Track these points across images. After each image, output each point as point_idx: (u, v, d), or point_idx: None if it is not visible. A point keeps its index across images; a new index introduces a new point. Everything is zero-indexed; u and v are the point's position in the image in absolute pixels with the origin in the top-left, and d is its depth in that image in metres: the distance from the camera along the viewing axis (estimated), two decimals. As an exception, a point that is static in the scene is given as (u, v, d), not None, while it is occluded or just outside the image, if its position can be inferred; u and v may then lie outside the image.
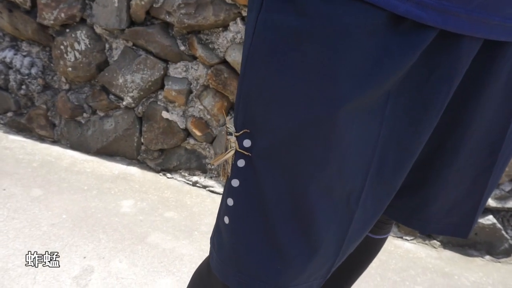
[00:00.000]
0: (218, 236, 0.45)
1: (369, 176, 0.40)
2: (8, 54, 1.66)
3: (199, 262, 1.21)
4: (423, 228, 0.53)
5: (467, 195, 0.49)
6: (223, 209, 0.43)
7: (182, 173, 1.58)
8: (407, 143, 0.40)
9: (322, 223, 0.40)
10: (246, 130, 0.38)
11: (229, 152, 0.40)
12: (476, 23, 0.33)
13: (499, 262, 1.34)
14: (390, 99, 0.36)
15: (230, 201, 0.42)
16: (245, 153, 0.39)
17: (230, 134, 0.39)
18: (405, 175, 0.42)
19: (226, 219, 0.43)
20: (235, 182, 0.41)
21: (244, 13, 1.31)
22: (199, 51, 1.38)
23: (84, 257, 1.14)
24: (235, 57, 1.34)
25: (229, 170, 0.41)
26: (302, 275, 0.43)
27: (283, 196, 0.39)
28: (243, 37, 1.33)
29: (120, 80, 1.52)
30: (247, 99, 0.38)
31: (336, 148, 0.36)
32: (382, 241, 0.73)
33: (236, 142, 0.39)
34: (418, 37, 0.33)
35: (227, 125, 0.39)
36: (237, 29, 1.34)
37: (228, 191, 0.42)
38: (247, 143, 0.39)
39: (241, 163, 0.40)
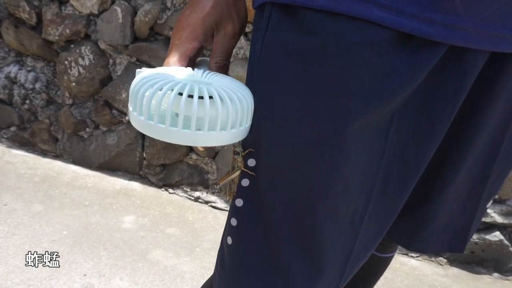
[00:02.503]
0: (222, 256, 0.44)
1: (374, 194, 0.39)
2: (13, 69, 1.67)
3: (200, 279, 1.19)
4: (424, 249, 0.53)
5: (462, 209, 0.49)
6: (227, 229, 0.42)
7: (184, 189, 1.57)
8: (412, 161, 0.39)
9: (327, 243, 0.39)
10: (251, 149, 0.38)
11: (236, 171, 0.39)
12: (483, 36, 0.32)
13: (508, 279, 1.31)
14: (395, 117, 0.36)
15: (233, 221, 0.41)
16: (250, 172, 0.38)
17: (237, 153, 0.39)
18: (409, 192, 0.42)
19: (229, 240, 0.42)
20: (239, 202, 0.40)
21: (248, 29, 1.32)
22: (202, 67, 1.39)
23: (85, 275, 1.12)
24: (238, 72, 1.35)
25: (235, 190, 0.40)
26: None
27: (287, 216, 0.38)
28: (246, 53, 1.34)
29: (123, 95, 1.53)
30: (253, 117, 0.38)
31: (342, 166, 0.36)
32: (389, 259, 0.71)
33: (242, 161, 0.39)
34: (427, 54, 0.33)
35: (234, 144, 0.39)
36: (240, 44, 1.34)
37: (232, 211, 0.41)
38: (251, 162, 0.38)
39: (245, 182, 0.39)
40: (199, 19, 0.40)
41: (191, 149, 1.54)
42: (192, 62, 0.44)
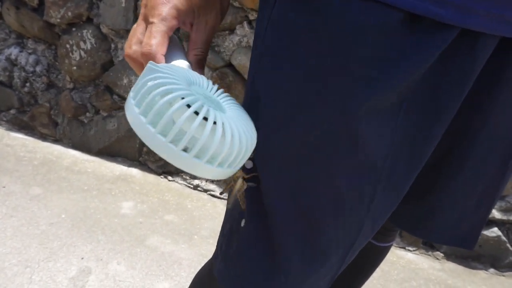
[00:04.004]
0: (222, 243, 0.44)
1: (381, 182, 0.38)
2: (14, 51, 1.66)
3: (198, 266, 1.20)
4: (429, 237, 0.52)
5: (476, 207, 0.48)
6: (232, 216, 0.42)
7: (184, 176, 1.57)
8: (418, 148, 0.39)
9: (331, 232, 0.39)
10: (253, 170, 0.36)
11: (238, 183, 0.38)
12: (495, 21, 0.32)
13: (503, 275, 1.32)
14: (404, 104, 0.35)
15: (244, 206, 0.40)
16: (253, 163, 0.38)
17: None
18: (413, 180, 0.41)
19: (234, 225, 0.41)
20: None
21: (251, 17, 1.31)
22: (205, 54, 1.37)
23: (82, 258, 1.12)
24: (241, 60, 1.34)
25: (244, 198, 0.39)
26: (306, 283, 0.41)
27: (290, 202, 0.37)
28: (250, 41, 1.33)
29: (125, 81, 1.51)
30: (256, 99, 0.37)
31: (349, 153, 0.35)
32: (387, 249, 0.71)
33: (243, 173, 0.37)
34: (437, 37, 0.32)
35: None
36: (244, 32, 1.33)
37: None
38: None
39: (248, 164, 0.39)
40: None
41: (191, 137, 1.53)
42: None
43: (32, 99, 1.71)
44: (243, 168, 0.37)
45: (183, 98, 0.30)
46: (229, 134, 0.31)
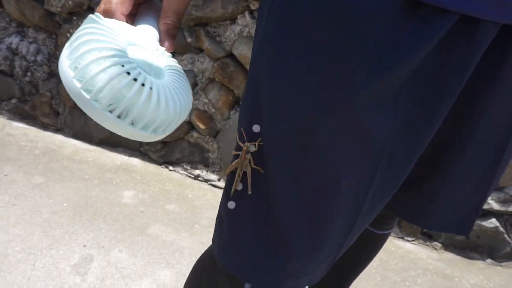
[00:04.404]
0: (220, 223, 0.44)
1: (380, 167, 0.39)
2: (15, 40, 1.65)
3: (198, 254, 1.21)
4: (427, 224, 0.53)
5: (472, 193, 0.49)
6: (228, 196, 0.43)
7: (185, 166, 1.58)
8: (418, 135, 0.39)
9: (330, 214, 0.39)
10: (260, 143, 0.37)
11: (246, 168, 0.39)
12: (497, 7, 0.32)
13: (501, 266, 1.33)
14: (403, 90, 0.36)
15: (239, 186, 0.41)
16: (257, 143, 0.38)
17: (248, 152, 0.38)
18: (411, 167, 0.42)
19: (231, 204, 0.42)
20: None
21: (253, 7, 1.30)
22: (206, 44, 1.37)
23: (84, 246, 1.13)
24: (242, 50, 1.33)
25: (249, 175, 0.40)
26: (306, 267, 0.42)
27: (290, 185, 0.38)
28: (251, 31, 1.33)
29: (126, 70, 1.51)
30: (258, 83, 0.37)
31: (348, 137, 0.36)
32: (385, 236, 0.72)
33: (252, 160, 0.38)
34: (437, 24, 0.32)
35: (246, 144, 0.37)
36: (245, 22, 1.33)
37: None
38: (256, 128, 0.38)
39: (252, 148, 0.39)
40: None
41: (192, 127, 1.53)
42: (136, 6, 0.41)
43: (33, 88, 1.71)
44: (250, 129, 0.38)
45: (122, 65, 0.31)
46: (163, 102, 0.32)
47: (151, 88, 0.32)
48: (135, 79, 0.31)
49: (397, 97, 0.36)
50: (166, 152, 1.59)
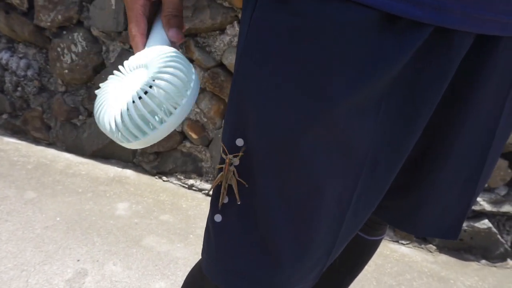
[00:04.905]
0: (207, 235, 0.45)
1: (362, 176, 0.40)
2: (4, 56, 1.65)
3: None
4: (416, 231, 0.53)
5: (458, 197, 0.49)
6: (215, 208, 0.43)
7: (178, 176, 1.58)
8: (399, 144, 0.40)
9: (314, 223, 0.40)
10: (242, 154, 0.39)
11: (230, 180, 0.40)
12: (469, 19, 0.33)
13: (495, 266, 1.34)
14: (383, 100, 0.36)
15: (225, 199, 0.41)
16: (240, 154, 0.39)
17: (231, 164, 0.40)
18: (395, 175, 0.42)
19: (218, 217, 0.42)
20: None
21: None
22: (196, 54, 1.38)
23: (78, 260, 1.13)
24: (232, 60, 1.34)
25: (236, 187, 0.40)
26: (294, 276, 0.42)
27: (275, 196, 0.38)
28: (240, 41, 1.34)
29: (117, 83, 1.52)
30: (240, 98, 0.38)
31: (330, 147, 0.36)
32: (377, 242, 0.73)
33: (236, 172, 0.39)
34: (413, 35, 0.33)
35: (229, 156, 0.39)
36: (234, 32, 1.34)
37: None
38: (239, 142, 0.39)
39: (235, 162, 0.40)
40: None
41: (184, 136, 1.54)
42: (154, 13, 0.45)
43: (24, 103, 1.71)
44: (233, 142, 0.39)
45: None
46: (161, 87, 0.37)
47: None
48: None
49: (377, 107, 0.36)
50: (159, 162, 1.59)
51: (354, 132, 0.36)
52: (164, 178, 1.59)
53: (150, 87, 0.37)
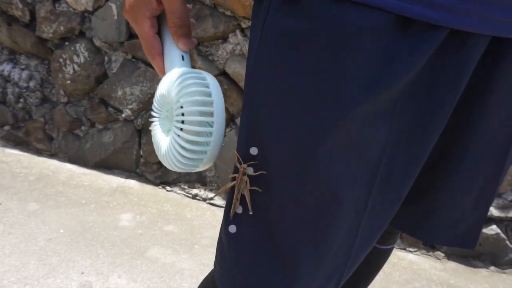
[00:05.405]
0: (221, 246, 0.44)
1: (377, 181, 0.39)
2: (6, 68, 1.65)
3: (199, 276, 1.19)
4: (429, 238, 0.52)
5: (474, 205, 0.48)
6: (228, 219, 0.42)
7: (182, 186, 1.57)
8: (415, 149, 0.39)
9: (332, 230, 0.39)
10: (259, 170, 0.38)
11: (242, 190, 0.39)
12: (484, 21, 0.32)
13: (504, 273, 1.32)
14: (398, 104, 0.36)
15: (239, 209, 0.40)
16: (253, 161, 0.38)
17: (245, 174, 0.40)
18: (413, 181, 0.41)
19: (232, 228, 0.41)
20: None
21: (244, 25, 1.32)
22: (199, 63, 1.38)
23: (82, 273, 1.11)
24: (235, 68, 1.34)
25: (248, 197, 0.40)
26: (310, 287, 0.41)
27: (291, 205, 0.38)
28: (243, 49, 1.34)
29: (119, 93, 1.51)
30: (254, 106, 0.37)
31: (347, 153, 0.35)
32: (388, 251, 0.71)
33: (249, 182, 0.39)
34: (428, 39, 0.32)
35: (243, 166, 0.39)
36: (237, 41, 1.34)
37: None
38: (253, 150, 0.38)
39: (249, 170, 0.39)
40: None
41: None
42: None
43: (27, 114, 1.70)
44: (248, 151, 0.39)
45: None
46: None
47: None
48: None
49: (392, 111, 0.36)
50: (162, 172, 1.58)
51: (369, 137, 0.35)
52: (168, 188, 1.57)
53: (182, 114, 0.40)
